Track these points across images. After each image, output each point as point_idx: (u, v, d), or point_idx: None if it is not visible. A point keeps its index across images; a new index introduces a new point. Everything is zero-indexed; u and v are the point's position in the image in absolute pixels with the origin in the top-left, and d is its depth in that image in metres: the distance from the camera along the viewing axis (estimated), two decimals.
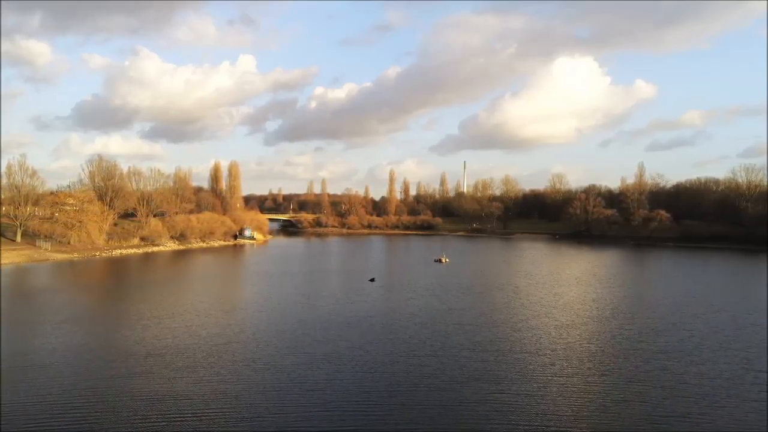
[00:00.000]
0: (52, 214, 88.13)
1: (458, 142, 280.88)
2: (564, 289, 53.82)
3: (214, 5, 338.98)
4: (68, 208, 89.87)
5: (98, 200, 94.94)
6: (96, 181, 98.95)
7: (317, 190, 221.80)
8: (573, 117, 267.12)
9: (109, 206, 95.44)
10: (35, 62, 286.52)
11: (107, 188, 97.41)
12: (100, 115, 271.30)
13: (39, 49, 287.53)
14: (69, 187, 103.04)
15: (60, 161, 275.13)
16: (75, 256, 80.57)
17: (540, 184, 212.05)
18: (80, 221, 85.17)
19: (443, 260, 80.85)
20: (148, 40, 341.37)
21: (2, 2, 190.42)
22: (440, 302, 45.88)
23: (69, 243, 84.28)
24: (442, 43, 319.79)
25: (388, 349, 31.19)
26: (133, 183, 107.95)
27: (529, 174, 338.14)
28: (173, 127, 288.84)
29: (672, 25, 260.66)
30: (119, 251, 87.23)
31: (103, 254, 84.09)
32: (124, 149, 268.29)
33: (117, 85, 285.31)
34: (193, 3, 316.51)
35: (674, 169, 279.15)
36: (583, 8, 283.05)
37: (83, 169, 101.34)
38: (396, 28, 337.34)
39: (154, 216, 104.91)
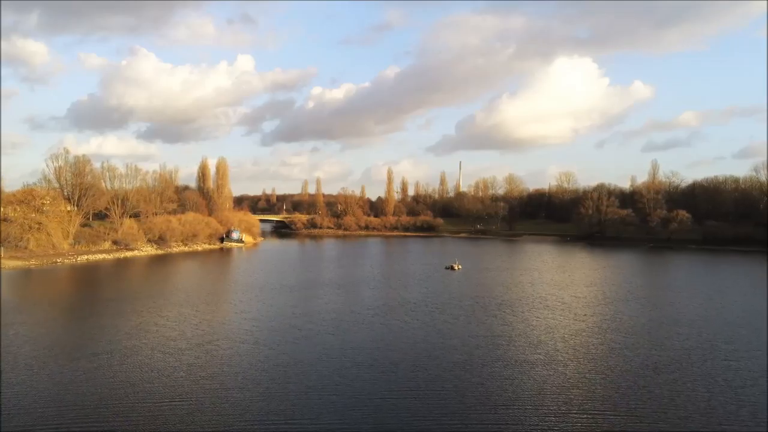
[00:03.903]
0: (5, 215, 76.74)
1: (455, 142, 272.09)
2: (623, 306, 43.70)
3: (214, 5, 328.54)
4: (45, 207, 78.79)
5: (64, 199, 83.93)
6: (62, 178, 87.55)
7: (312, 190, 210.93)
8: (569, 117, 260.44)
9: (77, 206, 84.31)
10: (31, 62, 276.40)
11: (74, 186, 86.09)
12: (96, 115, 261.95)
13: (36, 49, 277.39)
14: (35, 184, 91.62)
15: (55, 162, 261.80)
16: (32, 263, 69.43)
17: (535, 185, 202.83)
18: (40, 223, 74.00)
19: (456, 267, 70.90)
20: (146, 40, 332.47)
21: (1, 2, 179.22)
22: (481, 326, 35.60)
23: (27, 248, 73.15)
24: (441, 42, 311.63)
25: (430, 416, 20.94)
26: (107, 181, 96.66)
27: (524, 174, 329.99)
28: (169, 128, 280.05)
29: (671, 25, 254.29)
30: (86, 257, 76.12)
31: (66, 261, 72.96)
32: (120, 149, 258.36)
33: (113, 84, 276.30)
34: (193, 2, 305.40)
35: (669, 170, 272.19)
36: (583, 8, 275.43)
37: (47, 165, 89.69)
38: (395, 27, 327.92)
39: (130, 217, 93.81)
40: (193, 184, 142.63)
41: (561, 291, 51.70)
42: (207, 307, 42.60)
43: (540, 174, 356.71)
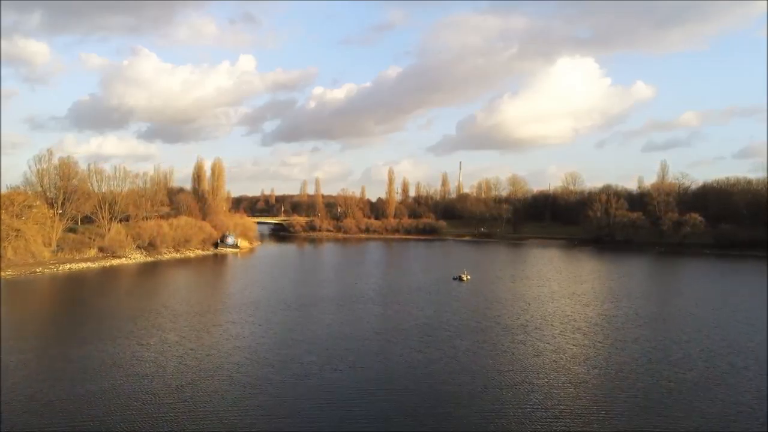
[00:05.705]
0: None
1: (455, 142, 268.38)
2: (663, 327, 38.78)
3: (215, 5, 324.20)
4: (34, 210, 73.56)
5: (47, 204, 78.74)
6: (45, 180, 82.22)
7: (311, 190, 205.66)
8: (570, 117, 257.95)
9: (61, 210, 79.12)
10: (32, 62, 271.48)
11: (59, 189, 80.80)
12: (96, 116, 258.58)
13: (37, 49, 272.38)
14: (18, 187, 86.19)
15: (38, 164, 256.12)
16: (9, 273, 64.24)
17: (535, 185, 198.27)
18: (17, 230, 68.75)
19: (464, 278, 65.78)
20: (146, 40, 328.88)
21: (2, 2, 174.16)
22: (509, 358, 30.58)
23: (3, 256, 67.80)
24: (442, 42, 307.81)
25: None
26: (94, 184, 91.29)
27: (524, 174, 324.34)
28: (169, 128, 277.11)
29: (672, 25, 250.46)
30: (68, 266, 70.89)
31: (47, 271, 67.75)
32: (120, 150, 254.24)
33: (114, 84, 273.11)
34: (194, 3, 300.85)
35: (679, 171, 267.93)
36: (583, 8, 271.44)
37: (29, 167, 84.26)
38: (396, 27, 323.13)
39: (120, 221, 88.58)
40: (190, 186, 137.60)
41: (587, 308, 46.81)
42: (194, 333, 37.41)
43: (540, 174, 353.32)
